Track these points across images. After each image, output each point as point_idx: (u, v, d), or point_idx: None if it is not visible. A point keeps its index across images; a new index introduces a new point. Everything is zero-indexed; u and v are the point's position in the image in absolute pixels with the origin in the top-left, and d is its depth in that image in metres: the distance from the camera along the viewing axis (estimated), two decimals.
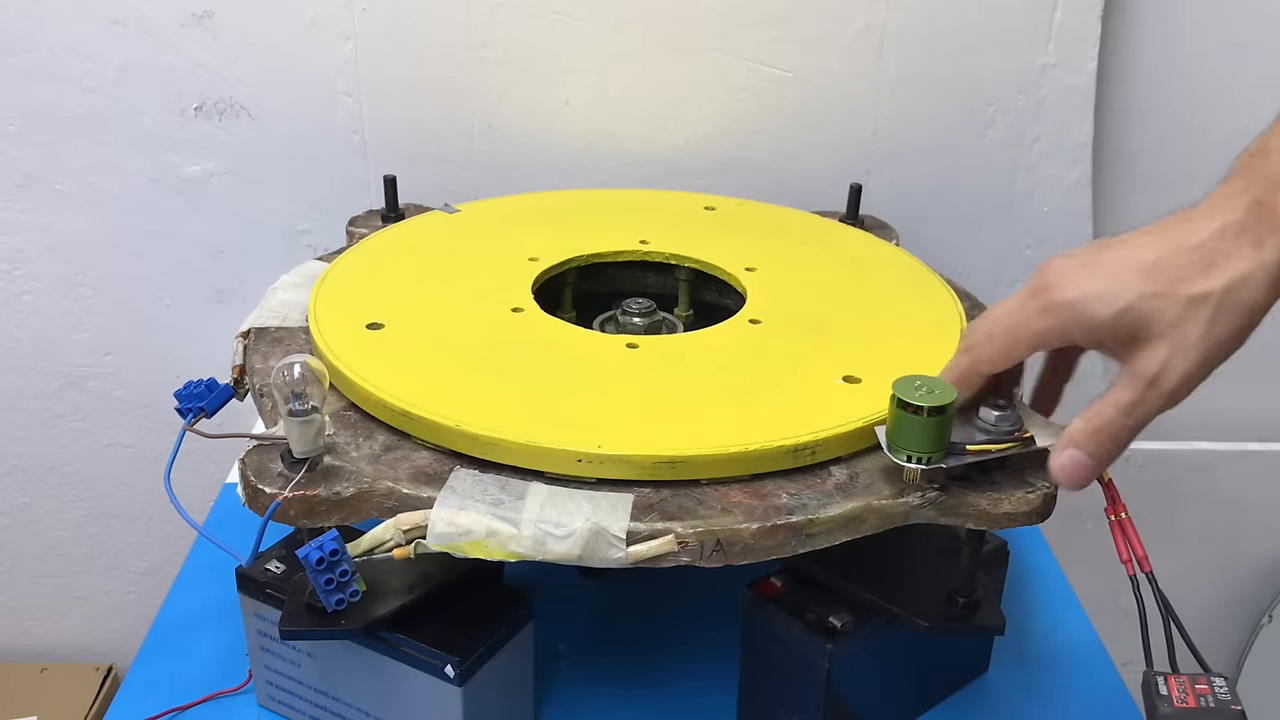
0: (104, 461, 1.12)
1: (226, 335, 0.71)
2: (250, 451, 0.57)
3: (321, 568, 0.54)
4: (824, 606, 0.60)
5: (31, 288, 1.04)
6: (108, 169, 0.98)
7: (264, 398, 0.64)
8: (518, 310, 0.70)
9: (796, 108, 0.96)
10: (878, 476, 0.57)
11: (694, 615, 0.74)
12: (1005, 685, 0.70)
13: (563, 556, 0.52)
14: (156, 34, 0.93)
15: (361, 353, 0.64)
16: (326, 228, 1.01)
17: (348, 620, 0.56)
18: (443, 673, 0.57)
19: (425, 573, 0.59)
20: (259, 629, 0.63)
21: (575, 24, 0.94)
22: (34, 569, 1.18)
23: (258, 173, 0.99)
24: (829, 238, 0.86)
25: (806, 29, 0.94)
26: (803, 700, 0.60)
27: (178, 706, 0.66)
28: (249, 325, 0.70)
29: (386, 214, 0.87)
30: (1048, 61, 0.95)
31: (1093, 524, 0.57)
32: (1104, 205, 1.02)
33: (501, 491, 0.55)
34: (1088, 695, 0.70)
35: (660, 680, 0.70)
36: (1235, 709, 0.50)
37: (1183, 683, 0.51)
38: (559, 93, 0.97)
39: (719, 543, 0.53)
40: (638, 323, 0.76)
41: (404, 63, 0.95)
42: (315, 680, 0.63)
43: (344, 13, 0.93)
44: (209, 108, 0.96)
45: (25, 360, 1.07)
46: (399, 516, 0.54)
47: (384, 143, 0.98)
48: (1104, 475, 0.54)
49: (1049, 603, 0.77)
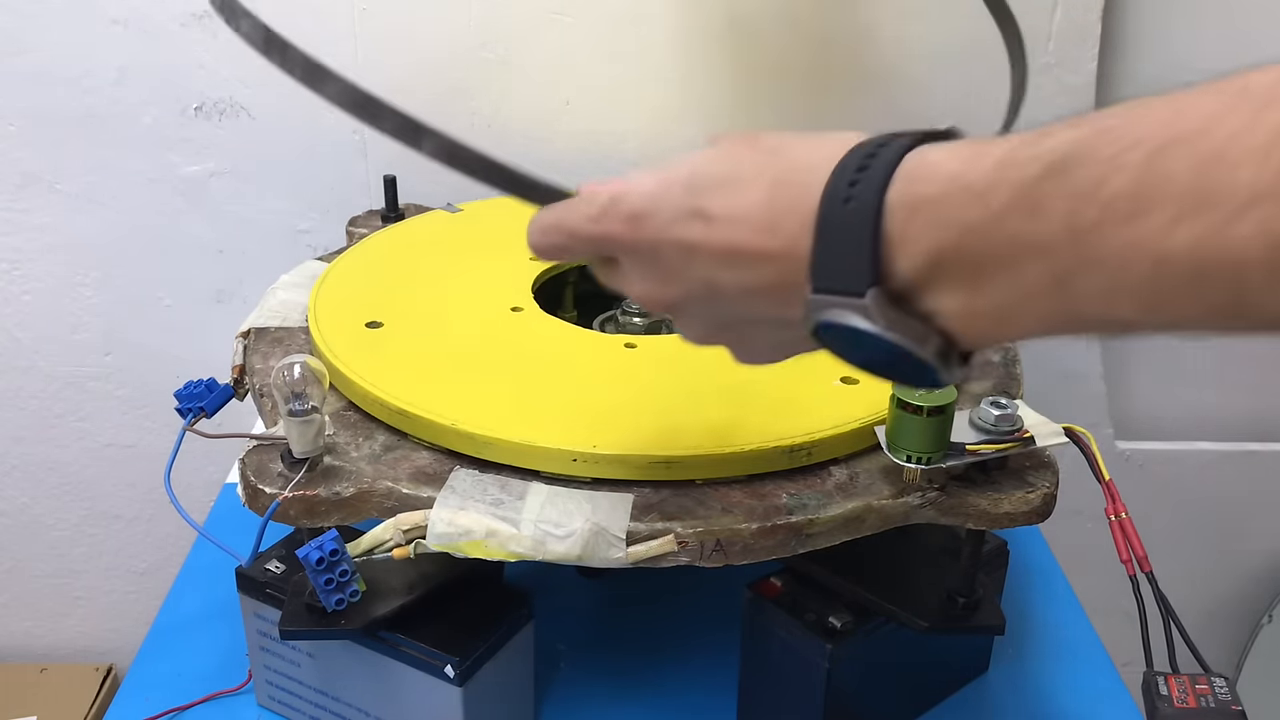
0: (104, 461, 1.12)
1: (226, 335, 0.71)
2: (250, 451, 0.57)
3: (321, 568, 0.54)
4: (824, 606, 0.60)
5: (31, 288, 1.04)
6: (108, 169, 0.98)
7: (264, 398, 0.64)
8: (517, 310, 0.70)
9: (797, 108, 0.96)
10: (878, 476, 0.57)
11: (694, 615, 0.74)
12: (1005, 685, 0.70)
13: (563, 556, 0.52)
14: (156, 34, 0.93)
15: (361, 352, 0.64)
16: (326, 228, 1.01)
17: (348, 620, 0.56)
18: (443, 673, 0.57)
19: (425, 573, 0.59)
20: (259, 629, 0.63)
21: (575, 24, 0.94)
22: (34, 569, 1.18)
23: (258, 173, 0.99)
24: None
25: (806, 28, 0.94)
26: (803, 700, 0.60)
27: (178, 706, 0.66)
28: (249, 325, 0.70)
29: (386, 214, 0.87)
30: (1048, 61, 0.95)
31: (1093, 524, 0.57)
32: None
33: (501, 491, 0.55)
34: (1088, 695, 0.70)
35: (660, 680, 0.70)
36: (1235, 709, 0.50)
37: (1183, 683, 0.52)
38: (559, 93, 0.97)
39: (719, 543, 0.53)
40: (637, 323, 0.76)
41: (404, 63, 0.95)
42: (315, 680, 0.63)
43: (344, 13, 0.93)
44: (209, 108, 0.96)
45: (25, 360, 1.07)
46: (399, 516, 0.54)
47: (384, 143, 0.97)
48: (1104, 475, 0.54)
49: (1049, 603, 0.77)
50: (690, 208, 0.41)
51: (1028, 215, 0.33)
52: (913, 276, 0.36)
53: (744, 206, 0.40)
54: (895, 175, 0.36)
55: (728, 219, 0.40)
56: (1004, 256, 0.34)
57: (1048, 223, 0.32)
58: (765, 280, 0.40)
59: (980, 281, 0.35)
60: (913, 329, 0.36)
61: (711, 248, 0.40)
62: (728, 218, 0.40)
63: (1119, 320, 0.33)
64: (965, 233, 0.34)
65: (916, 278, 0.36)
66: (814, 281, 0.38)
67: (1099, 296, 0.32)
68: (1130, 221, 0.31)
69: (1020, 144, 0.33)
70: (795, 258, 0.38)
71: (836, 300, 0.37)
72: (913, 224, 0.35)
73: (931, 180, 0.35)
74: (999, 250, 0.34)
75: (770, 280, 0.40)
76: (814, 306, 0.38)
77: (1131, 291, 0.32)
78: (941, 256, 0.35)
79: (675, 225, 0.41)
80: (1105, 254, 0.31)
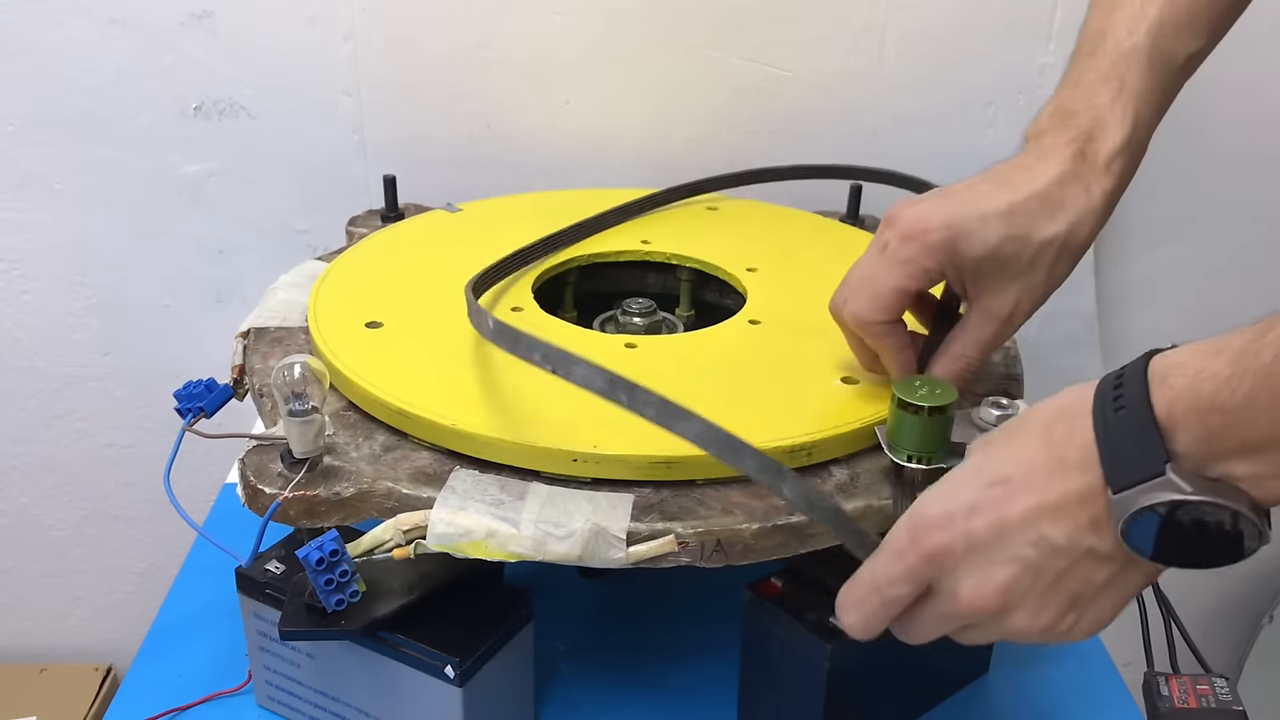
0: (104, 461, 1.12)
1: (226, 335, 0.71)
2: (250, 451, 0.57)
3: (321, 568, 0.54)
4: (824, 606, 0.59)
5: (31, 288, 1.04)
6: (108, 169, 0.98)
7: (264, 398, 0.64)
8: (517, 310, 0.70)
9: (796, 107, 0.96)
10: (878, 476, 0.57)
11: (694, 615, 0.74)
12: (1005, 685, 0.70)
13: (563, 557, 0.52)
14: (156, 34, 0.93)
15: (361, 352, 0.64)
16: (326, 228, 1.01)
17: (348, 620, 0.56)
18: (443, 673, 0.57)
19: (425, 573, 0.59)
20: (259, 629, 0.63)
21: (575, 24, 0.94)
22: (34, 569, 1.18)
23: (258, 173, 0.99)
24: (829, 238, 0.86)
25: (807, 28, 0.94)
26: (803, 700, 0.60)
27: (178, 706, 0.66)
28: (249, 325, 0.70)
29: (386, 214, 0.87)
30: (1048, 61, 0.95)
31: None
32: None
33: (501, 492, 0.55)
34: (1088, 695, 0.70)
35: (660, 680, 0.70)
36: (1236, 709, 0.50)
37: (1184, 683, 0.52)
38: (559, 93, 0.97)
39: (719, 543, 0.53)
40: (638, 323, 0.76)
41: (404, 62, 0.95)
42: (315, 680, 0.63)
43: (344, 13, 0.93)
44: (209, 108, 0.96)
45: (25, 360, 1.07)
46: (399, 517, 0.54)
47: (384, 143, 0.98)
48: None
49: None
50: (985, 482, 0.44)
51: (1270, 397, 0.37)
52: (1196, 454, 0.40)
53: (1027, 456, 0.43)
54: (1149, 380, 0.40)
55: (1022, 474, 0.43)
56: (1264, 433, 0.38)
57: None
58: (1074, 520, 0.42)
59: (1253, 453, 0.39)
60: (1220, 488, 0.40)
61: (1017, 509, 0.43)
62: (1021, 473, 0.43)
63: None
64: (1226, 414, 0.39)
65: (1200, 454, 0.40)
66: (1113, 485, 0.41)
67: None
68: None
69: (1251, 338, 0.38)
70: (1090, 485, 0.42)
71: (1140, 489, 0.40)
72: (1177, 409, 0.40)
73: (1183, 374, 0.40)
74: (1264, 426, 0.38)
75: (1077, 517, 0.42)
76: (1120, 507, 0.41)
77: None
78: (1211, 434, 0.39)
79: (979, 509, 0.44)
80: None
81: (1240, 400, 0.38)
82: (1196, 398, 0.39)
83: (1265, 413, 0.38)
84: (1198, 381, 0.39)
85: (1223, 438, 0.39)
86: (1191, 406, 0.39)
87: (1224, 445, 0.39)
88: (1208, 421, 0.39)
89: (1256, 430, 0.38)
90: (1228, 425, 0.39)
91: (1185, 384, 0.40)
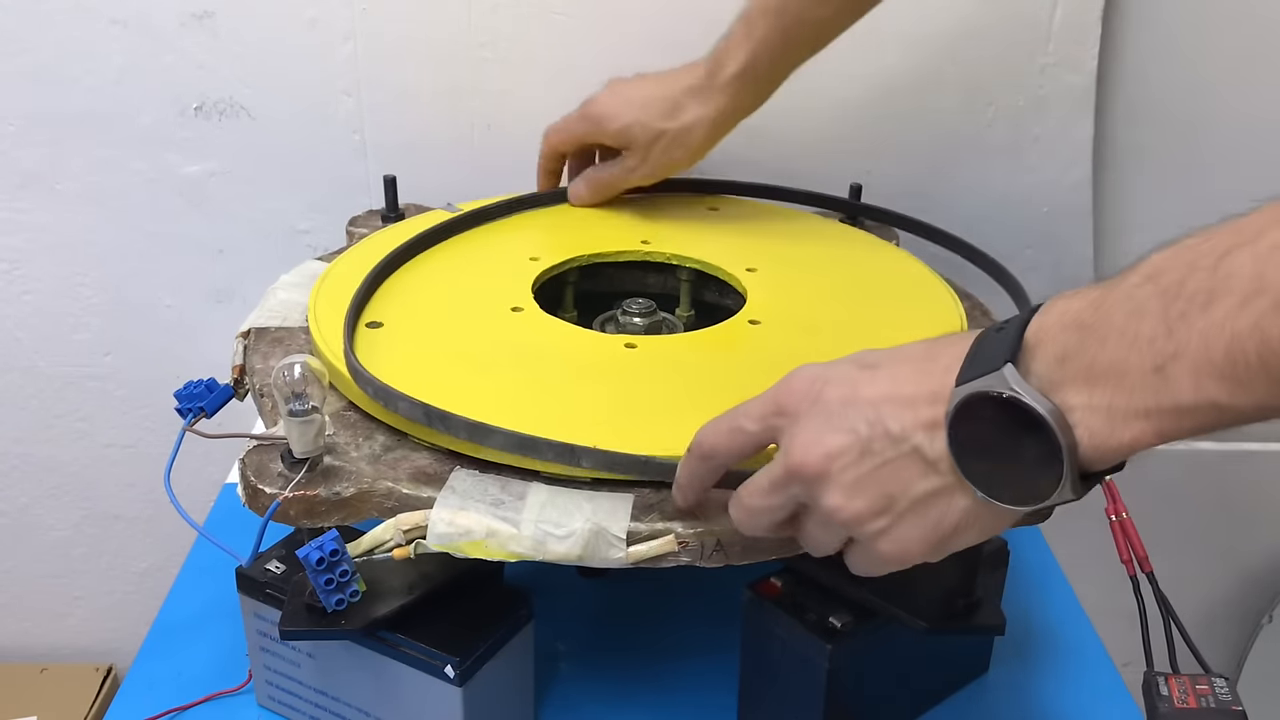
0: (104, 461, 1.12)
1: (226, 335, 0.71)
2: (250, 451, 0.57)
3: (321, 568, 0.54)
4: (824, 606, 0.60)
5: (31, 288, 1.04)
6: (108, 169, 0.98)
7: (264, 398, 0.64)
8: (517, 310, 0.70)
9: (796, 107, 0.96)
10: None
11: (694, 615, 0.74)
12: (1005, 685, 0.70)
13: (563, 556, 0.52)
14: (156, 34, 0.93)
15: (361, 352, 0.64)
16: (326, 228, 1.01)
17: (348, 620, 0.56)
18: (443, 673, 0.57)
19: (425, 573, 0.59)
20: (259, 629, 0.63)
21: (575, 24, 0.94)
22: (34, 569, 1.18)
23: (258, 173, 0.99)
24: (829, 238, 0.86)
25: None
26: (803, 700, 0.60)
27: (178, 706, 0.66)
28: (249, 325, 0.70)
29: (386, 214, 0.87)
30: (1048, 61, 0.95)
31: (1093, 524, 0.57)
32: (1104, 205, 1.02)
33: (501, 491, 0.55)
34: (1088, 695, 0.70)
35: (660, 680, 0.70)
36: (1236, 709, 0.50)
37: (1183, 683, 0.51)
38: (559, 93, 0.96)
39: (719, 543, 0.53)
40: (638, 323, 0.76)
41: (404, 62, 0.95)
42: (315, 680, 0.63)
43: (344, 13, 0.93)
44: (209, 108, 0.96)
45: (25, 360, 1.07)
46: (399, 516, 0.54)
47: (384, 143, 0.98)
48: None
49: (1049, 603, 0.77)
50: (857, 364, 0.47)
51: (1131, 312, 0.39)
52: (1047, 374, 0.41)
53: (905, 354, 0.46)
54: (1040, 308, 0.43)
55: (891, 364, 0.46)
56: (1114, 354, 0.40)
57: (1146, 317, 0.39)
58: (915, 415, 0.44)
59: (1094, 380, 0.40)
60: (1048, 405, 0.41)
61: (870, 391, 0.45)
62: (891, 363, 0.46)
63: (1211, 403, 0.38)
64: (1083, 330, 0.40)
65: (1050, 375, 0.41)
66: (957, 381, 0.43)
67: (1190, 380, 0.38)
68: (1207, 308, 0.37)
69: (1130, 268, 0.41)
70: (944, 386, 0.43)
71: (975, 382, 0.42)
72: (1044, 328, 0.42)
73: (1055, 306, 0.42)
74: (1111, 347, 0.40)
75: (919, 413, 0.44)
76: (954, 397, 0.43)
77: (1216, 371, 0.37)
78: (1066, 352, 0.41)
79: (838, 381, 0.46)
80: (1190, 337, 0.38)
81: (1098, 317, 0.40)
82: (1063, 315, 0.42)
83: (1116, 331, 0.39)
84: (1070, 301, 0.42)
85: (1075, 357, 0.41)
86: (1056, 323, 0.42)
87: (1073, 367, 0.41)
88: (1065, 339, 0.41)
89: (1104, 353, 0.40)
90: (1081, 343, 0.40)
91: (1062, 305, 0.42)
